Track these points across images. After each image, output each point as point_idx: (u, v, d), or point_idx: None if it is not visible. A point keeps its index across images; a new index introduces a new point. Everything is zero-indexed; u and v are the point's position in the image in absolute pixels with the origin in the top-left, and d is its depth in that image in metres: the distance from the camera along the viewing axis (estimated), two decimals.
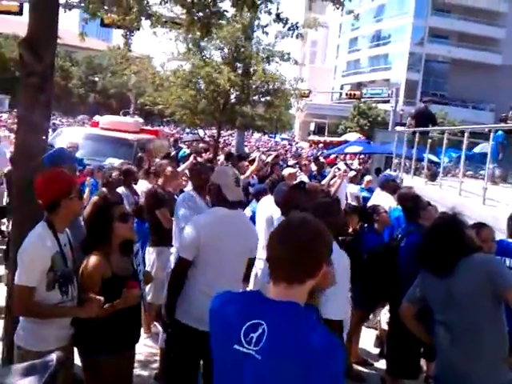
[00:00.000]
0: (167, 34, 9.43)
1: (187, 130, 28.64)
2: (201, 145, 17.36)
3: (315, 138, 36.11)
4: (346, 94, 35.95)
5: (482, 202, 7.21)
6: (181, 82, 13.52)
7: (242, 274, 3.69)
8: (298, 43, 76.13)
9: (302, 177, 9.14)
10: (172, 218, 4.88)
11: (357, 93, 35.62)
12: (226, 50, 13.65)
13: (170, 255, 4.82)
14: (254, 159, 9.71)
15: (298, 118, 62.40)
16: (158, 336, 4.96)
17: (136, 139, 11.58)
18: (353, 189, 9.96)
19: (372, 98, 37.91)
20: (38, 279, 2.84)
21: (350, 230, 5.59)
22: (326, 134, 47.38)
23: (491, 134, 8.19)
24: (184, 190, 5.74)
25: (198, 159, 7.85)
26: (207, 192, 3.93)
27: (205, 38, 7.72)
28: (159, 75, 14.33)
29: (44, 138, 4.07)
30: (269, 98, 14.24)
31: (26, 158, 3.83)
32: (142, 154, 9.49)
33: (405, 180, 11.10)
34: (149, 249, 5.43)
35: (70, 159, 4.86)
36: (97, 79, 57.44)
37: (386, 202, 6.38)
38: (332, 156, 18.32)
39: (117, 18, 6.08)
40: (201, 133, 20.37)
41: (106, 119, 13.64)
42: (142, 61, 15.90)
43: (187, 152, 11.33)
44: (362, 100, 39.41)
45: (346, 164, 12.80)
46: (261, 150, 24.68)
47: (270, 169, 10.17)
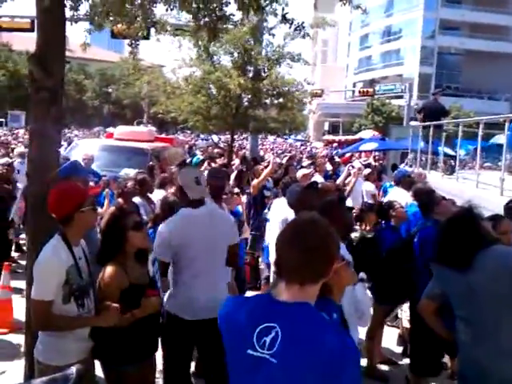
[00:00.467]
0: (176, 41, 9.45)
1: (202, 136, 28.78)
2: (216, 150, 17.43)
3: (329, 137, 35.91)
4: (359, 92, 35.87)
5: (499, 193, 7.09)
6: (192, 88, 13.56)
7: (223, 260, 3.88)
8: (309, 43, 76.13)
9: (316, 177, 9.09)
10: None
11: (369, 90, 35.50)
12: (236, 54, 13.66)
13: None
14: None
15: (312, 119, 62.23)
16: None
17: (150, 148, 11.61)
18: (369, 187, 9.88)
19: (385, 94, 37.56)
20: (53, 293, 2.85)
21: (368, 228, 5.56)
22: (340, 132, 47.12)
23: (506, 124, 8.04)
24: None
25: (213, 165, 7.82)
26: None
27: (212, 43, 7.68)
28: (170, 83, 14.39)
29: (57, 150, 4.12)
30: (281, 100, 14.21)
31: (40, 171, 3.85)
32: (152, 163, 9.51)
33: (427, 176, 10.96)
34: None
35: (82, 171, 4.91)
36: (110, 90, 58.00)
37: (402, 197, 6.33)
38: (347, 155, 18.21)
39: (122, 28, 6.11)
40: (215, 138, 20.41)
41: (120, 130, 13.74)
42: (153, 70, 16.01)
43: (201, 158, 11.34)
44: (376, 97, 39.12)
45: (361, 163, 12.66)
46: (276, 152, 24.66)
47: (284, 171, 10.15)
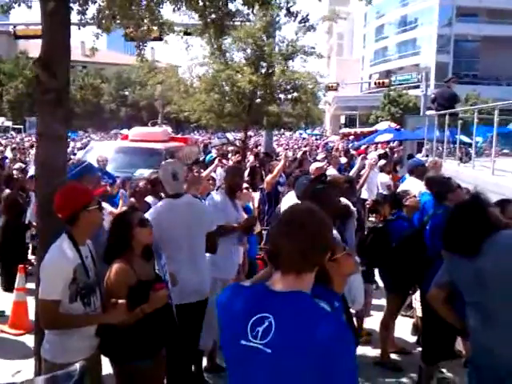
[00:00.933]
0: (184, 42, 9.49)
1: (219, 134, 28.89)
2: (230, 148, 17.45)
3: (346, 130, 35.75)
4: (375, 83, 35.59)
5: None
6: (205, 86, 13.59)
7: (202, 246, 4.21)
8: (324, 37, 75.81)
9: (330, 170, 9.05)
10: None
11: (385, 81, 35.16)
12: (249, 51, 13.65)
13: None
14: None
15: (328, 112, 61.94)
16: None
17: (165, 148, 11.68)
18: (384, 178, 9.79)
19: (402, 84, 37.25)
20: (61, 292, 2.88)
21: (382, 219, 5.54)
22: (357, 125, 46.84)
23: None
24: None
25: (224, 162, 7.87)
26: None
27: (225, 40, 7.73)
28: (184, 82, 14.44)
29: (64, 152, 4.17)
30: (295, 94, 14.17)
31: (47, 173, 3.91)
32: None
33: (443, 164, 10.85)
34: None
35: (92, 171, 4.96)
36: (127, 93, 58.52)
37: (415, 187, 6.25)
38: (363, 147, 18.07)
39: (130, 31, 6.15)
40: (230, 136, 20.43)
41: (135, 131, 13.85)
42: (167, 70, 16.09)
43: (214, 156, 11.38)
44: (392, 87, 38.76)
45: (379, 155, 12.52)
46: (292, 147, 24.60)
47: (298, 165, 10.14)
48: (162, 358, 3.51)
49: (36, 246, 9.19)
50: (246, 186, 6.66)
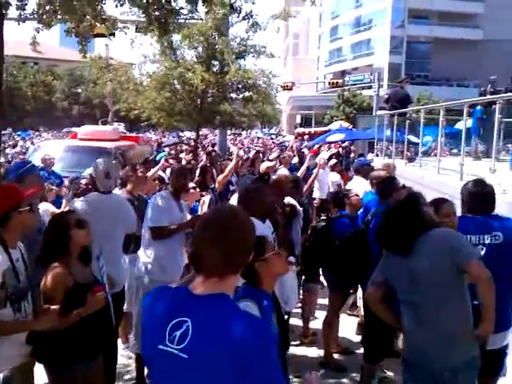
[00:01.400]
0: (133, 38, 9.32)
1: (173, 133, 28.58)
2: (184, 147, 17.29)
3: (300, 130, 36.08)
4: (329, 83, 36.02)
5: (459, 178, 7.17)
6: (155, 84, 13.43)
7: (120, 243, 4.45)
8: (280, 36, 76.23)
9: (281, 169, 9.09)
10: None
11: (339, 81, 35.68)
12: (200, 49, 13.56)
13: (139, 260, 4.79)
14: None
15: (285, 112, 62.29)
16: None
17: (114, 147, 11.49)
18: (334, 177, 9.92)
19: (355, 84, 37.85)
20: None
21: (325, 218, 5.59)
22: (312, 125, 47.27)
23: (465, 110, 8.12)
24: None
25: (171, 161, 7.75)
26: None
27: (164, 37, 7.63)
28: (133, 80, 14.24)
29: None
30: (247, 93, 14.17)
31: None
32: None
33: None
34: None
35: (34, 171, 4.80)
36: (80, 91, 57.19)
37: (361, 186, 6.34)
38: (315, 146, 18.24)
39: (71, 26, 6.01)
40: (188, 134, 20.24)
41: (84, 130, 13.54)
42: (117, 67, 15.84)
43: (166, 155, 11.26)
44: (346, 87, 39.35)
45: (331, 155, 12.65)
46: (247, 146, 24.58)
47: (251, 164, 10.12)
48: (100, 362, 3.42)
49: None
50: (193, 185, 6.60)
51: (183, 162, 12.75)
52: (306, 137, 26.52)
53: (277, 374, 1.72)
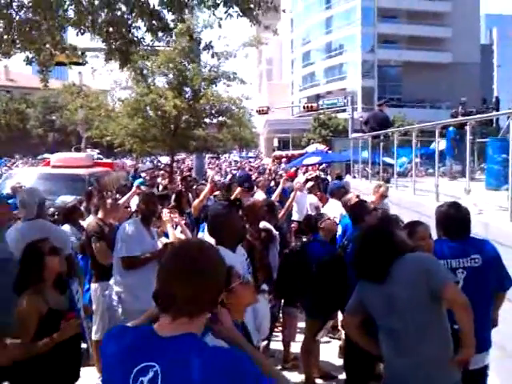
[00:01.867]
0: (93, 66, 9.32)
1: (149, 159, 28.42)
2: (161, 172, 17.17)
3: (278, 153, 36.31)
4: (304, 108, 36.35)
5: (435, 198, 7.19)
6: (128, 111, 13.36)
7: None
8: (254, 62, 76.97)
9: (258, 193, 9.03)
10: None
11: (314, 105, 36.09)
12: (171, 76, 13.56)
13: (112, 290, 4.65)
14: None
15: (262, 135, 62.62)
16: None
17: (88, 173, 11.31)
18: (312, 199, 9.89)
19: (329, 108, 38.34)
20: None
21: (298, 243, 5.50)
22: (290, 148, 47.59)
23: (437, 131, 8.19)
24: None
25: (142, 188, 7.58)
26: None
27: (124, 68, 7.57)
28: (105, 106, 14.16)
29: None
30: (220, 118, 14.19)
31: None
32: (91, 188, 9.22)
33: (363, 184, 11.07)
34: (92, 285, 5.21)
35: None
36: (54, 118, 56.77)
37: (336, 209, 6.30)
38: (293, 169, 18.28)
39: (31, 56, 5.95)
40: (164, 159, 20.11)
41: (57, 157, 13.33)
42: (87, 94, 15.79)
43: (142, 181, 11.11)
44: (321, 111, 39.86)
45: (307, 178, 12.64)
46: (224, 170, 24.53)
47: (227, 188, 10.04)
48: None
49: None
50: (170, 210, 6.47)
51: (160, 187, 12.63)
52: (283, 160, 26.66)
53: None
